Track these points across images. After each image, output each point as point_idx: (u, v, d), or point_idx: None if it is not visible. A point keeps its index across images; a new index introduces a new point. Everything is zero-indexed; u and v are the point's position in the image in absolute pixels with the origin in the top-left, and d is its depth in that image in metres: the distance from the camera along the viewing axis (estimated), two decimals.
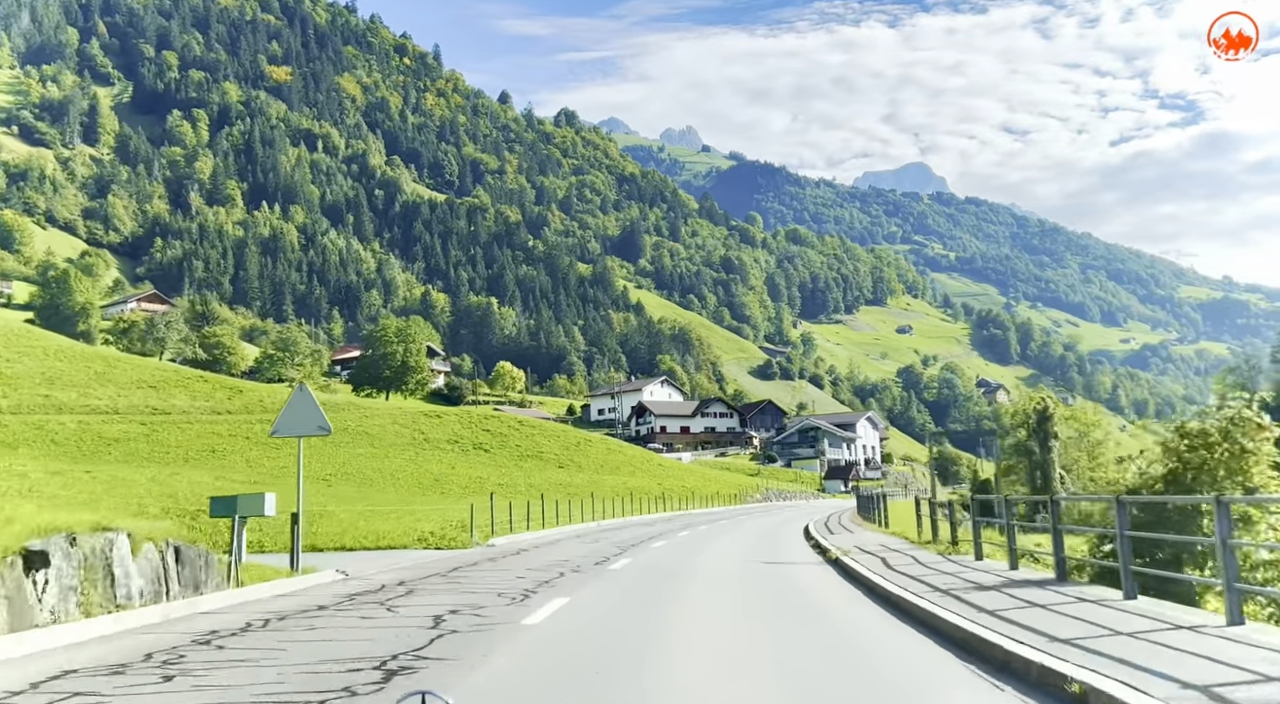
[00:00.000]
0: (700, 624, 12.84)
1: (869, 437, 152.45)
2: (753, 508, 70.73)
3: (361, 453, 70.67)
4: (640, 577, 18.47)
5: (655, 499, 63.47)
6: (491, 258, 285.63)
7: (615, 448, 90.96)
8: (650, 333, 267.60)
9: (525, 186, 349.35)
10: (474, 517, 29.77)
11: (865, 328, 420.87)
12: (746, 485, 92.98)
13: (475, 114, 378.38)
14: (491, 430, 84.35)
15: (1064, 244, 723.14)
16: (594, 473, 77.33)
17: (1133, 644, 9.17)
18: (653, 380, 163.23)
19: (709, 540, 30.03)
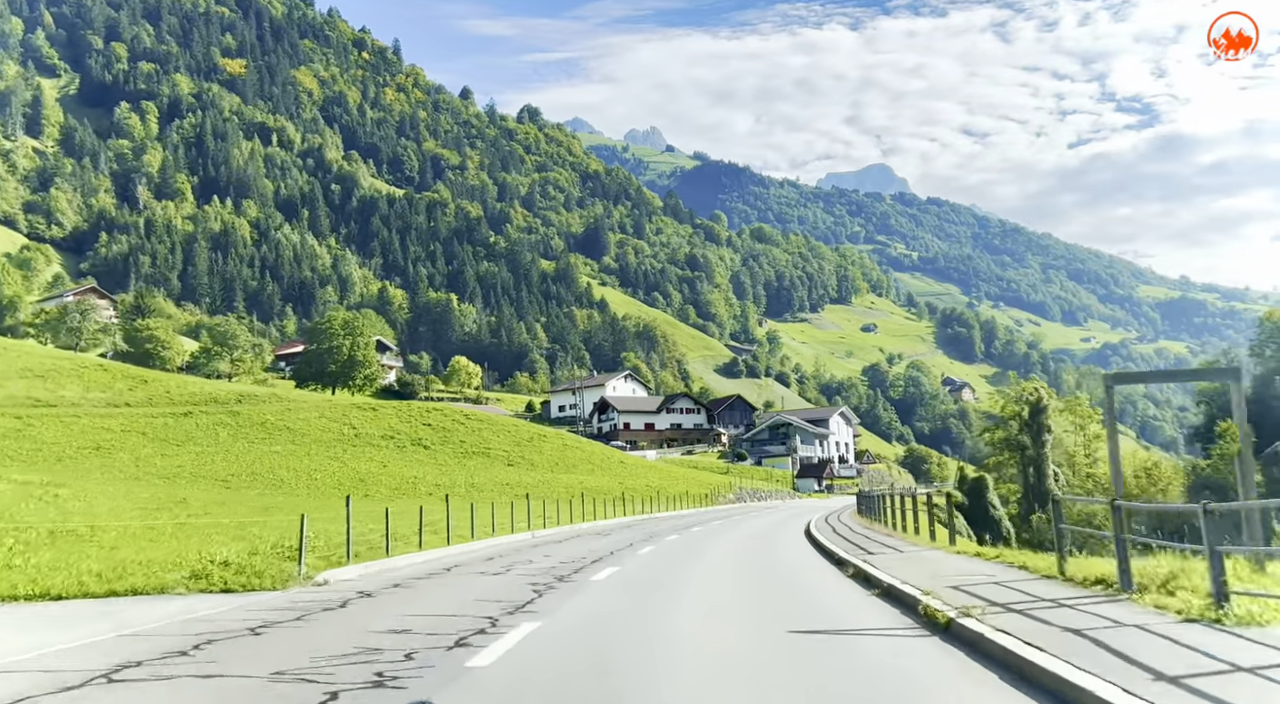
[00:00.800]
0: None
1: (842, 433, 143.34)
2: (728, 510, 61.36)
3: (278, 450, 60.60)
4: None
5: (615, 501, 53.74)
6: (451, 254, 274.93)
7: (572, 444, 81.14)
8: (614, 330, 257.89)
9: (487, 183, 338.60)
10: (350, 527, 20.02)
11: (830, 326, 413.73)
12: (717, 484, 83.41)
13: (436, 110, 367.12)
14: (433, 425, 74.41)
15: (1025, 244, 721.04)
16: (548, 471, 67.73)
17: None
18: (616, 375, 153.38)
19: (683, 566, 20.31)
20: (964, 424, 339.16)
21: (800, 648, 9.93)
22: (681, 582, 16.93)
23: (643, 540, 29.71)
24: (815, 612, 13.13)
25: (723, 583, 17.11)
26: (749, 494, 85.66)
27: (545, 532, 35.68)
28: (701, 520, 45.20)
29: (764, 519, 47.14)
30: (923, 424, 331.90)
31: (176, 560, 16.21)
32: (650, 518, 50.17)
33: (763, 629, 11.43)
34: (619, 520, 46.55)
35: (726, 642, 10.66)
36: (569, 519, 42.65)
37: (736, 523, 42.71)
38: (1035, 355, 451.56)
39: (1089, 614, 10.04)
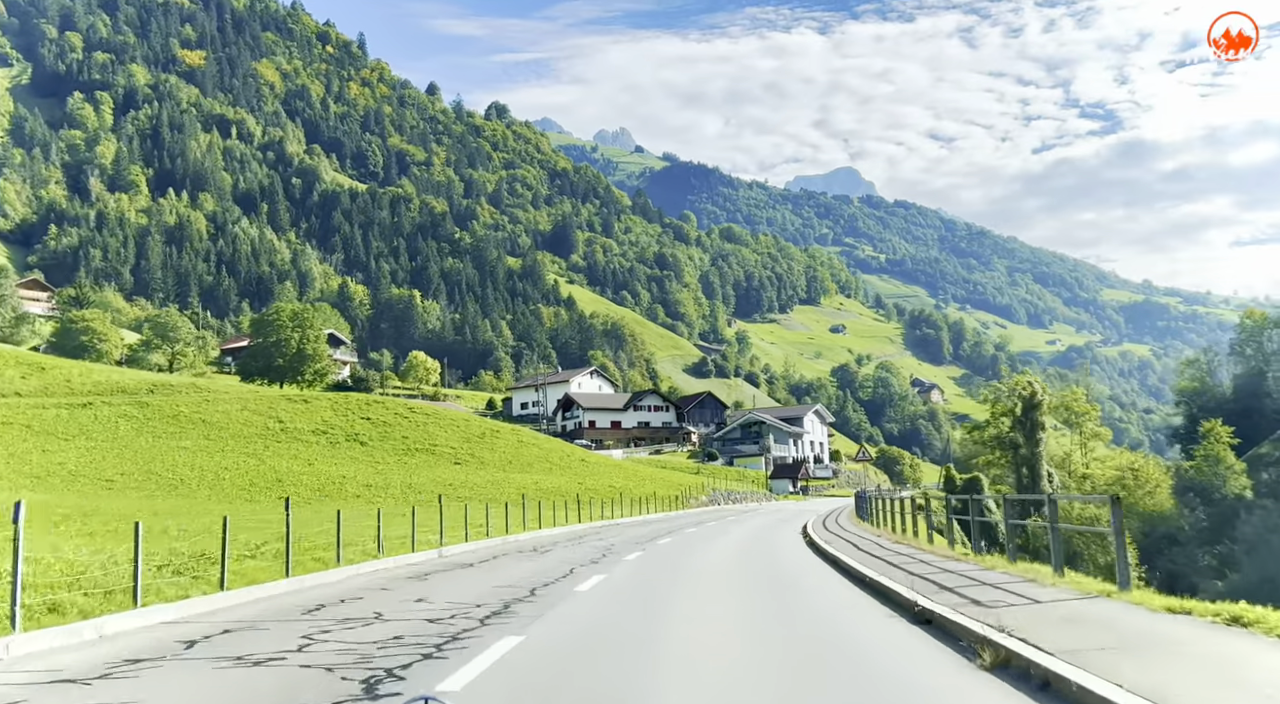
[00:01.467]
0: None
1: (817, 432, 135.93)
2: (700, 514, 53.53)
3: (186, 446, 52.34)
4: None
5: (572, 504, 45.69)
6: (415, 250, 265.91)
7: (529, 440, 73.00)
8: (582, 328, 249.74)
9: (453, 179, 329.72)
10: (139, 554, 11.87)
11: (799, 327, 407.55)
12: (688, 485, 75.48)
13: (402, 105, 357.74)
14: (373, 419, 66.23)
15: (990, 247, 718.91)
16: (499, 470, 59.76)
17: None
18: (581, 371, 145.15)
19: (650, 637, 11.32)
20: (933, 425, 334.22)
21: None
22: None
23: (589, 563, 21.74)
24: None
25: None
26: (723, 496, 77.95)
27: (463, 548, 27.26)
28: (672, 528, 37.54)
29: (747, 526, 39.58)
30: (892, 425, 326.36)
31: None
32: (610, 525, 42.18)
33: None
34: (570, 529, 38.44)
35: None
36: (512, 528, 34.59)
37: (715, 532, 35.10)
38: (1003, 357, 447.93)
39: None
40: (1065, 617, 10.17)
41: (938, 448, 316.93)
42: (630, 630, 11.88)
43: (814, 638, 11.06)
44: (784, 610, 13.85)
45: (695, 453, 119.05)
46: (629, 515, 49.18)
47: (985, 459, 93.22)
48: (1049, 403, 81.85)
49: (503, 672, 9.06)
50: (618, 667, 9.47)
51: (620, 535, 32.90)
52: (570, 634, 11.67)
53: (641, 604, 14.75)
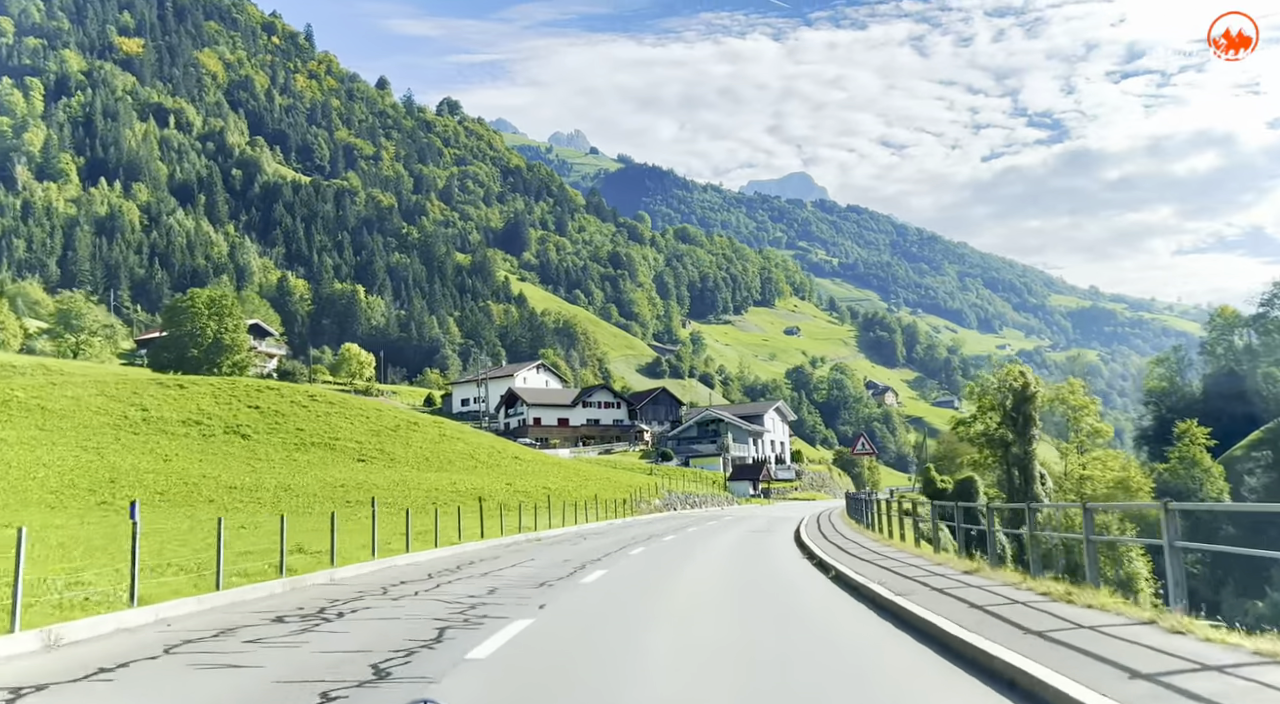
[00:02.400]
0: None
1: (778, 431, 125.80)
2: (652, 524, 42.07)
3: (6, 436, 40.58)
4: None
5: (493, 510, 34.80)
6: (360, 244, 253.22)
7: (453, 434, 61.92)
8: (533, 325, 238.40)
9: (403, 174, 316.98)
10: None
11: (754, 328, 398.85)
12: (640, 487, 64.39)
13: (350, 98, 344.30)
14: (263, 408, 55.19)
15: (941, 253, 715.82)
16: (412, 468, 49.03)
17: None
18: (527, 366, 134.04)
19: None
20: (888, 428, 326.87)
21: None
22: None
23: (399, 657, 10.51)
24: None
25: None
26: (679, 499, 67.42)
27: (192, 604, 15.71)
28: (614, 546, 27.06)
29: (721, 541, 29.34)
30: (846, 427, 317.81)
31: None
32: (530, 541, 30.91)
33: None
34: (469, 549, 27.31)
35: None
36: (393, 546, 23.67)
37: (678, 556, 24.57)
38: (956, 360, 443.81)
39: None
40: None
41: (893, 450, 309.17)
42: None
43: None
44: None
45: (648, 452, 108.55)
46: (560, 526, 37.73)
47: (970, 458, 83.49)
48: (1043, 396, 72.47)
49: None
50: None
51: (532, 561, 22.30)
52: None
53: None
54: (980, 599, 12.76)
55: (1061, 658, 8.44)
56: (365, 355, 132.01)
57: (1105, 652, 8.67)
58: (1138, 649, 8.79)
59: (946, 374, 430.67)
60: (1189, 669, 7.82)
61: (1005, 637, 9.54)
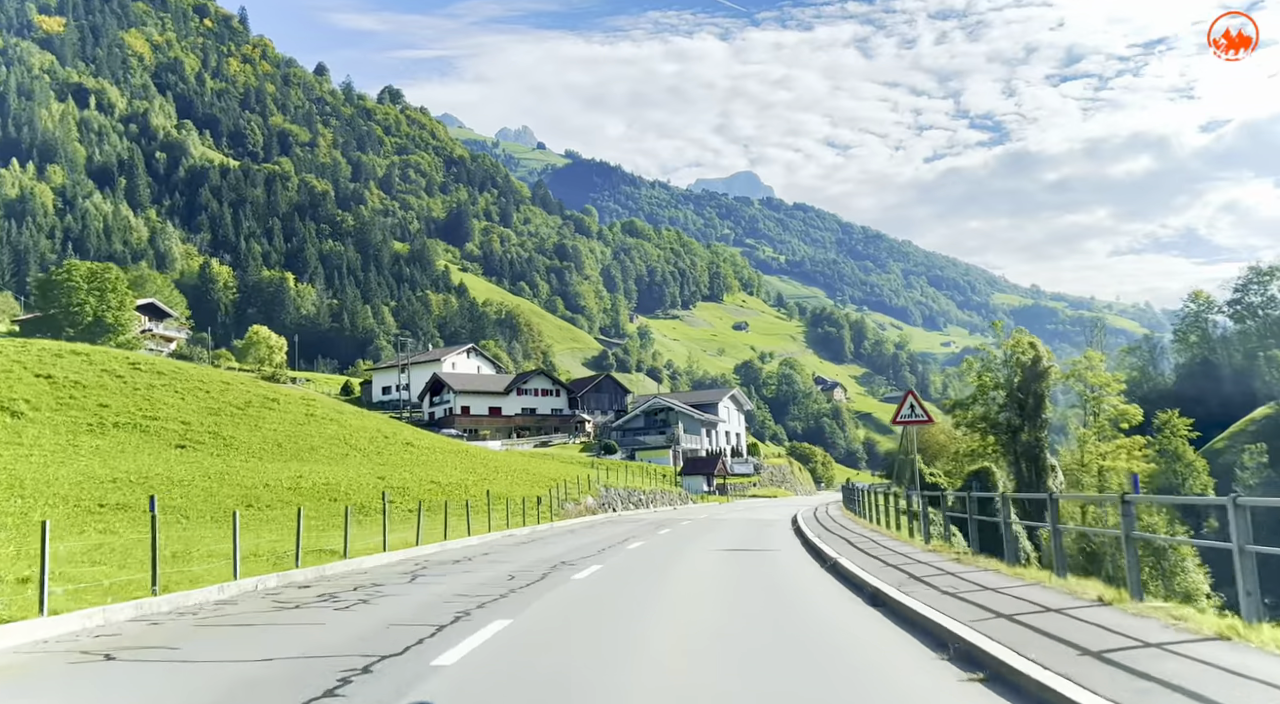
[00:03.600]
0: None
1: (733, 421, 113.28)
2: (575, 536, 28.94)
3: None
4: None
5: (351, 513, 21.67)
6: (292, 231, 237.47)
7: (327, 414, 47.47)
8: (473, 316, 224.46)
9: (340, 162, 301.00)
10: None
11: (702, 323, 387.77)
12: (570, 481, 48.06)
13: (286, 84, 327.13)
14: (57, 377, 41.72)
15: (886, 251, 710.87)
16: (253, 457, 35.88)
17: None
18: (455, 350, 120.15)
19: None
20: (837, 424, 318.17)
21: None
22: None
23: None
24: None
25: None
26: (620, 497, 54.41)
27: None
28: (472, 591, 14.29)
29: (706, 609, 16.52)
30: (796, 423, 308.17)
31: None
32: (347, 574, 18.18)
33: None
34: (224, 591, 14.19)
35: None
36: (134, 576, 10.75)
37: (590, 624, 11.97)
38: (903, 356, 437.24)
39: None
40: None
41: (842, 447, 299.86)
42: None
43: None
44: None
45: (590, 445, 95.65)
46: (416, 544, 23.72)
47: (972, 446, 71.58)
48: (1057, 373, 60.90)
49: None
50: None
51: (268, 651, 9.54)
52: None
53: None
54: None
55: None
56: (276, 339, 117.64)
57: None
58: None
59: (894, 370, 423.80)
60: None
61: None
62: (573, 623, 11.62)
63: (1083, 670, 7.48)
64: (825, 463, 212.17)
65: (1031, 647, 8.44)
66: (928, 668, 8.23)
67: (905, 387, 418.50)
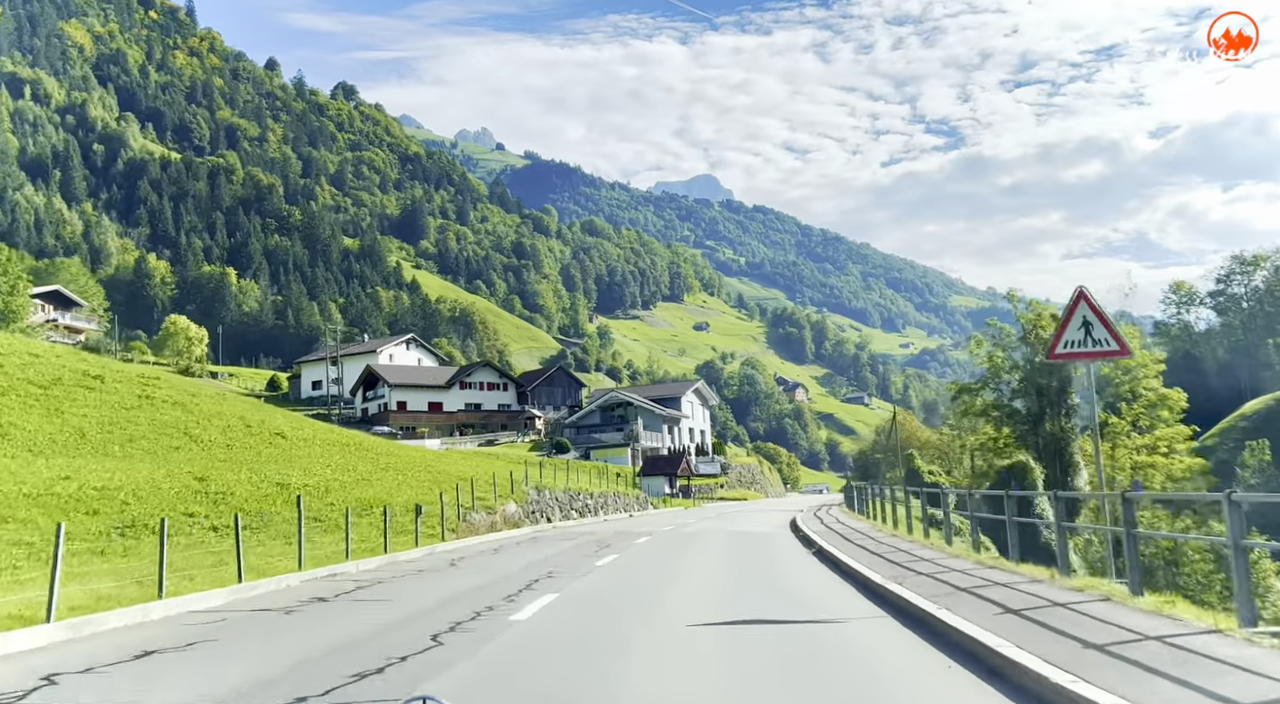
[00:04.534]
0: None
1: (697, 417, 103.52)
2: (411, 582, 17.54)
3: None
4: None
5: (126, 531, 11.60)
6: (236, 225, 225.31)
7: (171, 397, 34.80)
8: (426, 313, 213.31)
9: (290, 157, 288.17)
10: None
11: (663, 324, 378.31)
12: (490, 478, 37.82)
13: (235, 78, 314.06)
14: None
15: (845, 253, 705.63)
16: (29, 451, 25.25)
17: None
18: (393, 341, 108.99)
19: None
20: (799, 424, 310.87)
21: None
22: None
23: None
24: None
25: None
26: (559, 503, 43.06)
27: None
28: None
29: None
30: (758, 424, 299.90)
31: None
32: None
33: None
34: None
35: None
36: None
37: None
38: (864, 357, 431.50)
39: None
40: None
41: (804, 448, 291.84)
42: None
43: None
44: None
45: (540, 443, 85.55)
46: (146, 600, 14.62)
47: (976, 440, 62.29)
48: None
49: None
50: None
51: None
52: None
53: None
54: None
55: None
56: (196, 330, 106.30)
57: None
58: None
59: (855, 371, 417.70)
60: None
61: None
62: None
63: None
64: (791, 464, 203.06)
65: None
66: None
67: (866, 387, 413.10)
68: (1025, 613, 10.19)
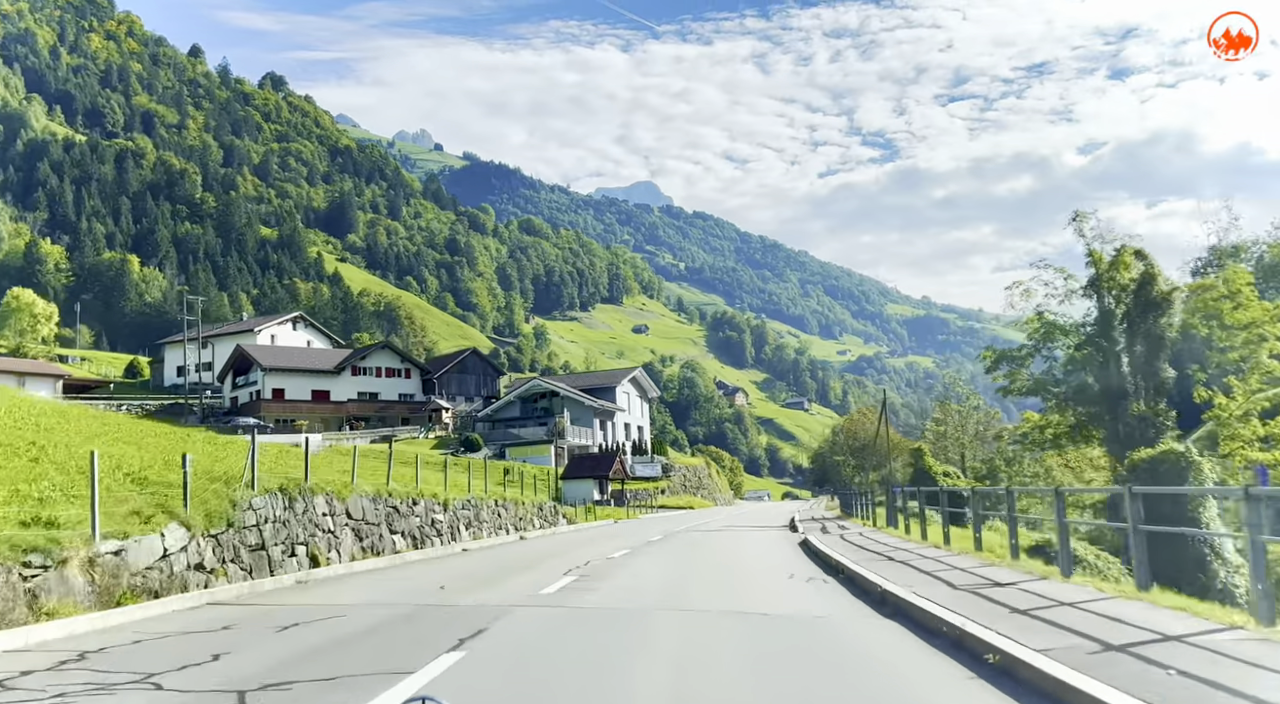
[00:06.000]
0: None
1: (635, 411, 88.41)
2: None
3: None
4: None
5: None
6: (144, 211, 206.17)
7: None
8: (347, 306, 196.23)
9: (211, 145, 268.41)
10: None
11: (602, 326, 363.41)
12: (334, 474, 23.69)
13: (155, 64, 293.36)
14: None
15: (784, 260, 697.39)
16: None
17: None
18: (274, 318, 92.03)
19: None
20: (739, 429, 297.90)
21: None
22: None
23: None
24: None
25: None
26: (407, 533, 26.89)
27: None
28: None
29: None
30: (698, 428, 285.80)
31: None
32: None
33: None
34: None
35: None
36: None
37: None
38: (804, 362, 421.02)
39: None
40: None
41: (745, 453, 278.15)
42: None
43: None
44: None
45: (448, 439, 69.96)
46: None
47: (1042, 419, 47.32)
48: (1182, 304, 37.60)
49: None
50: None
51: None
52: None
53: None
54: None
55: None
56: (43, 306, 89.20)
57: None
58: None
59: (795, 376, 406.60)
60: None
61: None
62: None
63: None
64: (734, 468, 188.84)
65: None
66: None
67: (806, 392, 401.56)
68: None
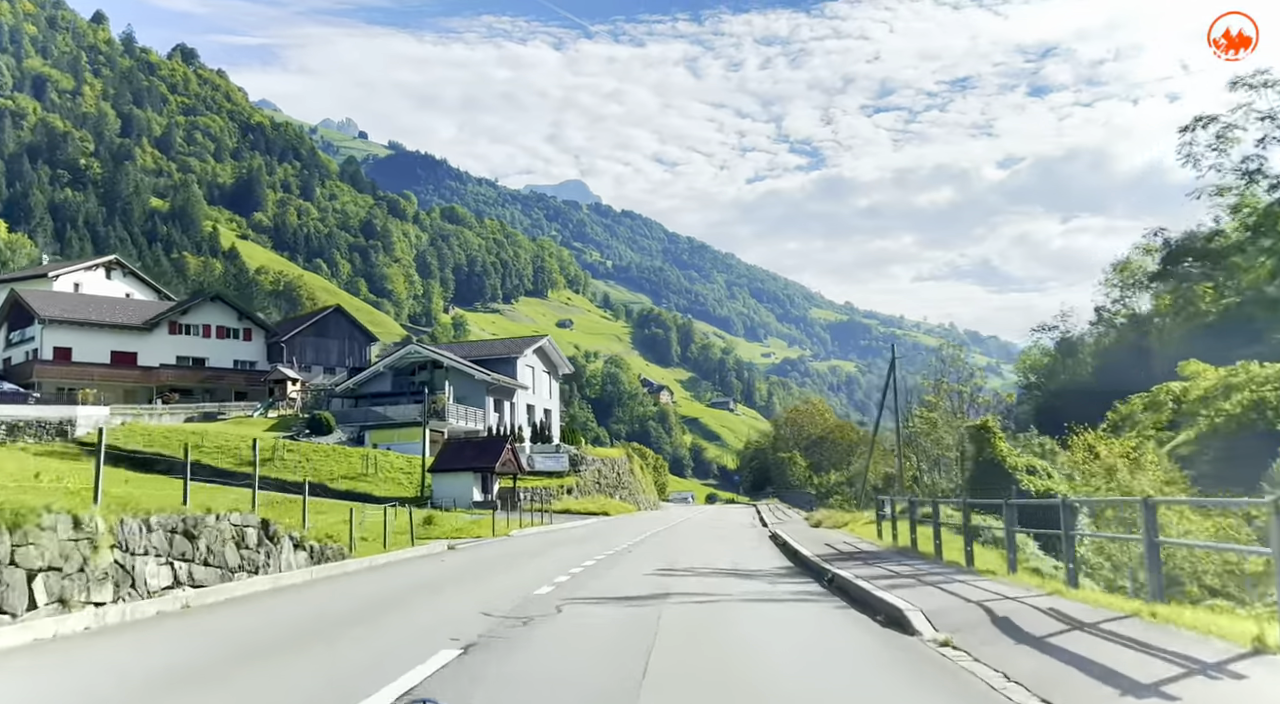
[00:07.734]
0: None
1: (542, 389, 71.49)
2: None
3: None
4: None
5: None
6: (19, 174, 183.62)
7: None
8: (241, 283, 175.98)
9: (109, 114, 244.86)
10: None
11: (524, 319, 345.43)
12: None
13: (51, 27, 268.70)
14: None
15: (711, 261, 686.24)
16: None
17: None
18: (81, 263, 73.47)
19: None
20: (663, 427, 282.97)
21: None
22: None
23: None
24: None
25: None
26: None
27: None
28: None
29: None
30: (620, 425, 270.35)
31: None
32: None
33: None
34: None
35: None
36: None
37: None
38: (730, 361, 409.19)
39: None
40: None
41: (669, 452, 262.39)
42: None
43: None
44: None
45: (292, 419, 52.74)
46: None
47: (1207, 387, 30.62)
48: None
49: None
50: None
51: None
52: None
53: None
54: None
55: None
56: None
57: None
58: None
59: (721, 375, 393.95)
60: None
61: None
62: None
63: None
64: (659, 467, 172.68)
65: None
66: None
67: (731, 393, 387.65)
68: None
